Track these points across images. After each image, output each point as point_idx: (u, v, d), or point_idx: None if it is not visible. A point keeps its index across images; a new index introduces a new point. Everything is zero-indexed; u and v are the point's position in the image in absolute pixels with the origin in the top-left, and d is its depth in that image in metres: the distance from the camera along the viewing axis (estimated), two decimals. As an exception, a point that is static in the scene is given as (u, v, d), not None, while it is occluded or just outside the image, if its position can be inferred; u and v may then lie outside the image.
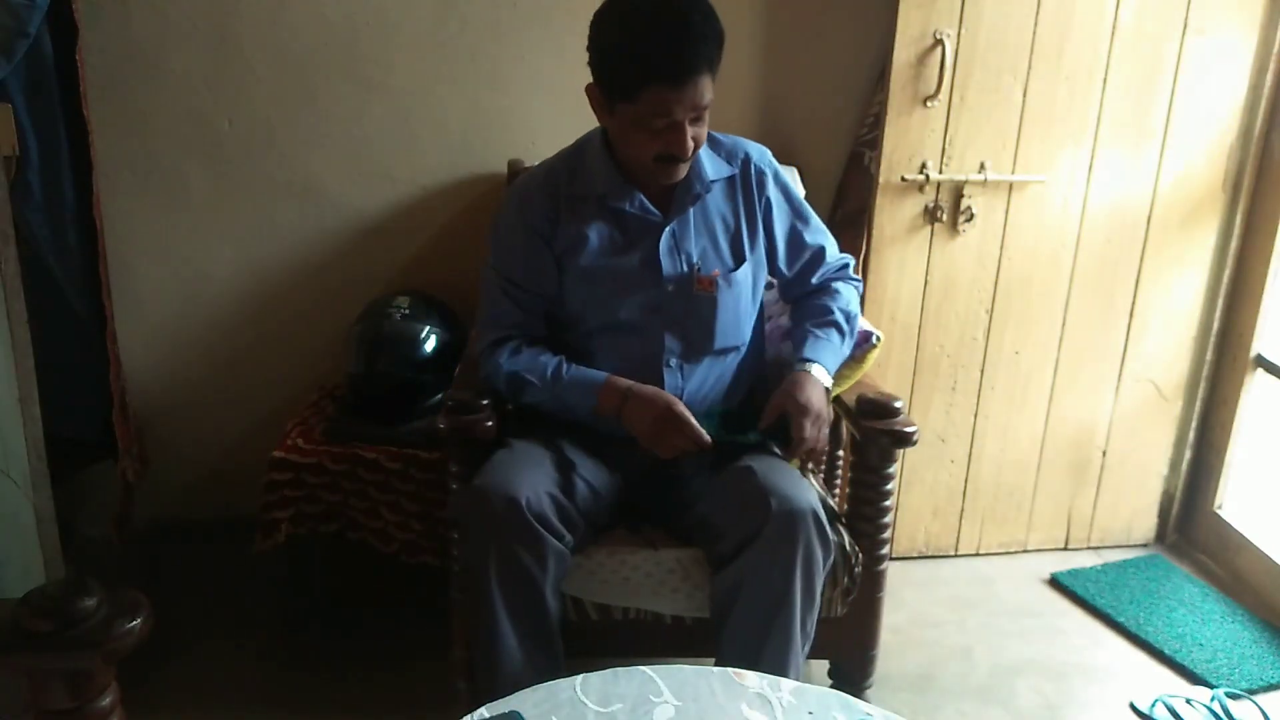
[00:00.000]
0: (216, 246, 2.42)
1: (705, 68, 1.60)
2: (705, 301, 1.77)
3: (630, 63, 1.60)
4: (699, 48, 1.58)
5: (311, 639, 2.24)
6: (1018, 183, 2.36)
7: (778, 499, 1.60)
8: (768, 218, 1.85)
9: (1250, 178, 2.44)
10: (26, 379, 1.84)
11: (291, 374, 2.50)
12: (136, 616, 1.06)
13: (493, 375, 1.79)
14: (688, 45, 1.57)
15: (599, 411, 1.72)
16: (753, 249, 1.84)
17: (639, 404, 1.70)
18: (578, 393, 1.74)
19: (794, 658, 1.66)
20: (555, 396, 1.75)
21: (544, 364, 1.76)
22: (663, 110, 1.60)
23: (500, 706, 1.25)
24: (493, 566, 1.59)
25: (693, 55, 1.57)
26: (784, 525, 1.60)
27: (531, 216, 1.78)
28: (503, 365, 1.77)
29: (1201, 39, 2.31)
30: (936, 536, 2.62)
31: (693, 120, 1.64)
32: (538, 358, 1.77)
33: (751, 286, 1.83)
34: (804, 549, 1.61)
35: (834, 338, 1.84)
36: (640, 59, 1.59)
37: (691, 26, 1.57)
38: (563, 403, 1.76)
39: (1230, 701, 2.09)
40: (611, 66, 1.64)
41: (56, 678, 1.05)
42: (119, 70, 2.25)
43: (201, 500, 2.55)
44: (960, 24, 2.22)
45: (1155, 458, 2.66)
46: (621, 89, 1.62)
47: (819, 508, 1.64)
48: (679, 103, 1.60)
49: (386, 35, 2.31)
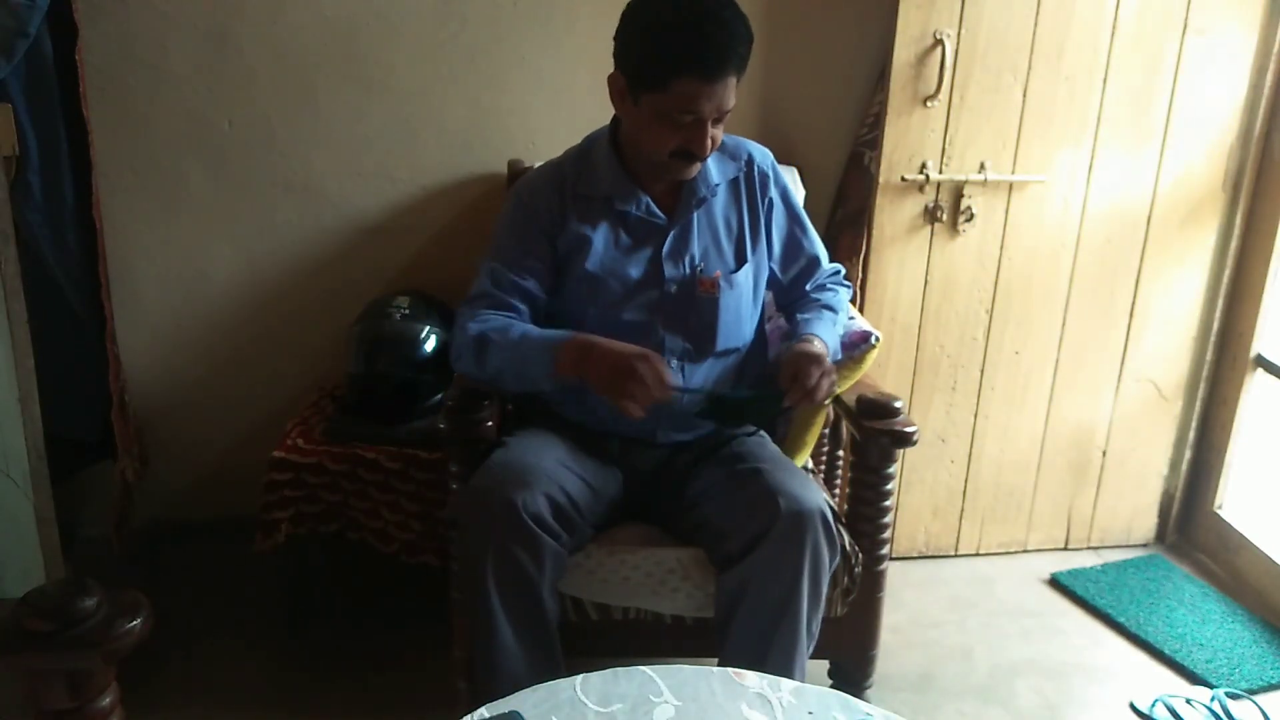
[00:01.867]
0: (216, 246, 2.42)
1: (735, 69, 1.61)
2: (707, 303, 1.77)
3: (666, 51, 1.60)
4: (734, 47, 1.59)
5: (311, 639, 2.24)
6: (1018, 183, 2.36)
7: (786, 499, 1.60)
8: (768, 219, 1.86)
9: (1250, 178, 2.44)
10: (26, 379, 1.84)
11: (291, 374, 2.50)
12: (136, 616, 1.06)
13: (459, 343, 1.73)
14: (724, 42, 1.58)
15: (559, 370, 1.62)
16: (754, 250, 1.84)
17: (600, 356, 1.59)
18: (536, 352, 1.64)
19: (799, 658, 1.67)
20: (517, 359, 1.66)
21: (512, 327, 1.70)
22: (690, 104, 1.60)
23: (500, 706, 1.25)
24: (489, 567, 1.59)
25: (728, 53, 1.59)
26: (792, 525, 1.60)
27: (537, 208, 1.78)
28: (469, 328, 1.71)
29: (1201, 39, 2.31)
30: (936, 536, 2.62)
31: (715, 121, 1.65)
32: (509, 324, 1.71)
33: (753, 287, 1.84)
34: (812, 549, 1.61)
35: (826, 316, 1.85)
36: (677, 48, 1.58)
37: (728, 25, 1.58)
38: (522, 367, 1.66)
39: (1230, 701, 2.09)
40: (643, 54, 1.63)
41: (56, 678, 1.05)
42: (119, 70, 2.25)
43: (201, 500, 2.55)
44: (960, 24, 2.22)
45: (1155, 458, 2.66)
46: (651, 78, 1.61)
47: (827, 509, 1.64)
48: (708, 98, 1.60)
49: (386, 35, 2.31)
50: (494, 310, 1.74)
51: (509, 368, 1.68)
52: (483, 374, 1.72)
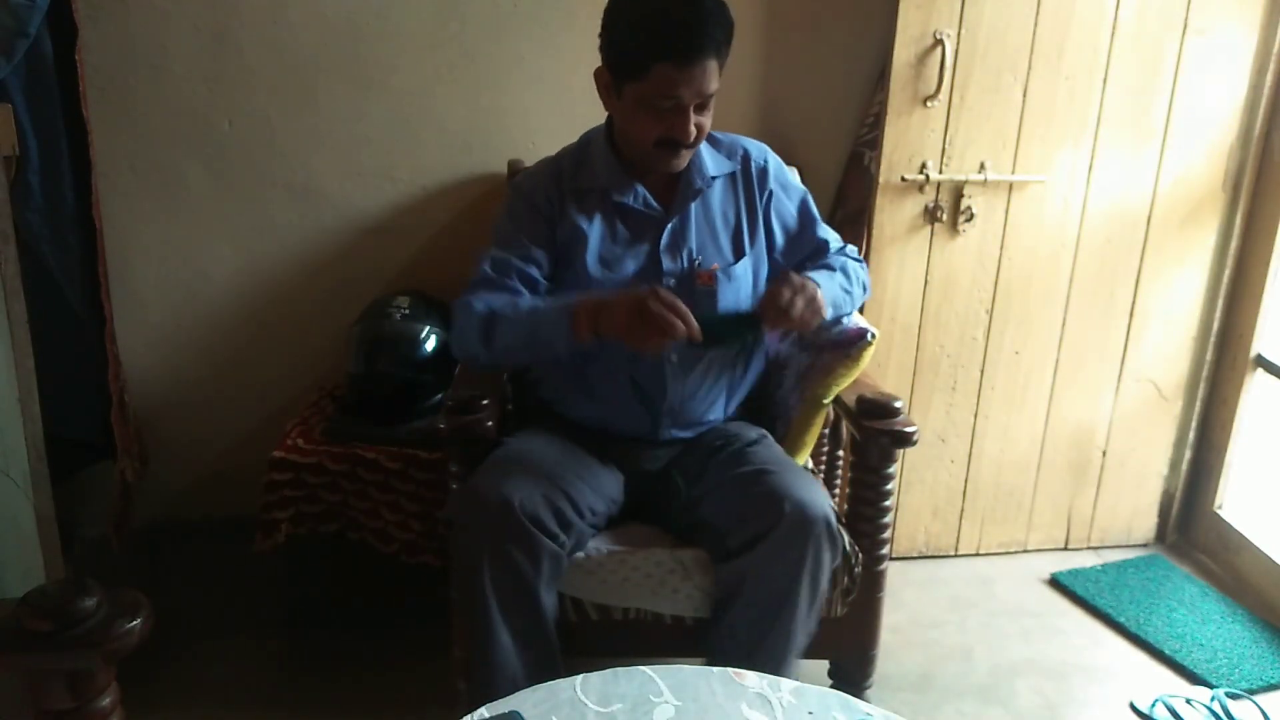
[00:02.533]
0: (216, 246, 2.42)
1: (713, 53, 1.61)
2: (705, 296, 1.77)
3: (641, 39, 1.61)
4: (710, 30, 1.60)
5: (311, 639, 2.24)
6: (1018, 183, 2.36)
7: (791, 503, 1.60)
8: (767, 211, 1.86)
9: (1250, 178, 2.44)
10: (26, 379, 1.84)
11: (291, 374, 2.50)
12: (136, 616, 1.06)
13: (463, 324, 1.71)
14: (699, 26, 1.59)
15: (578, 336, 1.60)
16: (753, 244, 1.84)
17: (614, 307, 1.57)
18: (552, 318, 1.63)
19: (789, 660, 1.67)
20: (530, 330, 1.65)
21: (520, 299, 1.70)
22: (669, 90, 1.61)
23: (500, 706, 1.25)
24: (486, 567, 1.59)
25: (703, 37, 1.59)
26: (795, 529, 1.60)
27: (536, 199, 1.79)
28: (474, 304, 1.69)
29: (1201, 39, 2.31)
30: (936, 536, 2.62)
31: (697, 108, 1.65)
32: (516, 299, 1.71)
33: (752, 281, 1.84)
34: (813, 554, 1.62)
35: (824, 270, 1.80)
36: (651, 35, 1.60)
37: (703, 8, 1.59)
38: (536, 336, 1.65)
39: (1230, 701, 2.09)
40: (622, 43, 1.64)
41: (56, 678, 1.05)
42: (119, 70, 2.25)
43: (201, 500, 2.55)
44: (960, 24, 2.22)
45: (1155, 458, 2.66)
46: (630, 66, 1.63)
47: (831, 514, 1.64)
48: (686, 84, 1.61)
49: (386, 35, 2.31)
50: (496, 293, 1.73)
51: (520, 341, 1.67)
52: (490, 354, 1.70)
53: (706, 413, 1.86)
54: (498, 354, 1.70)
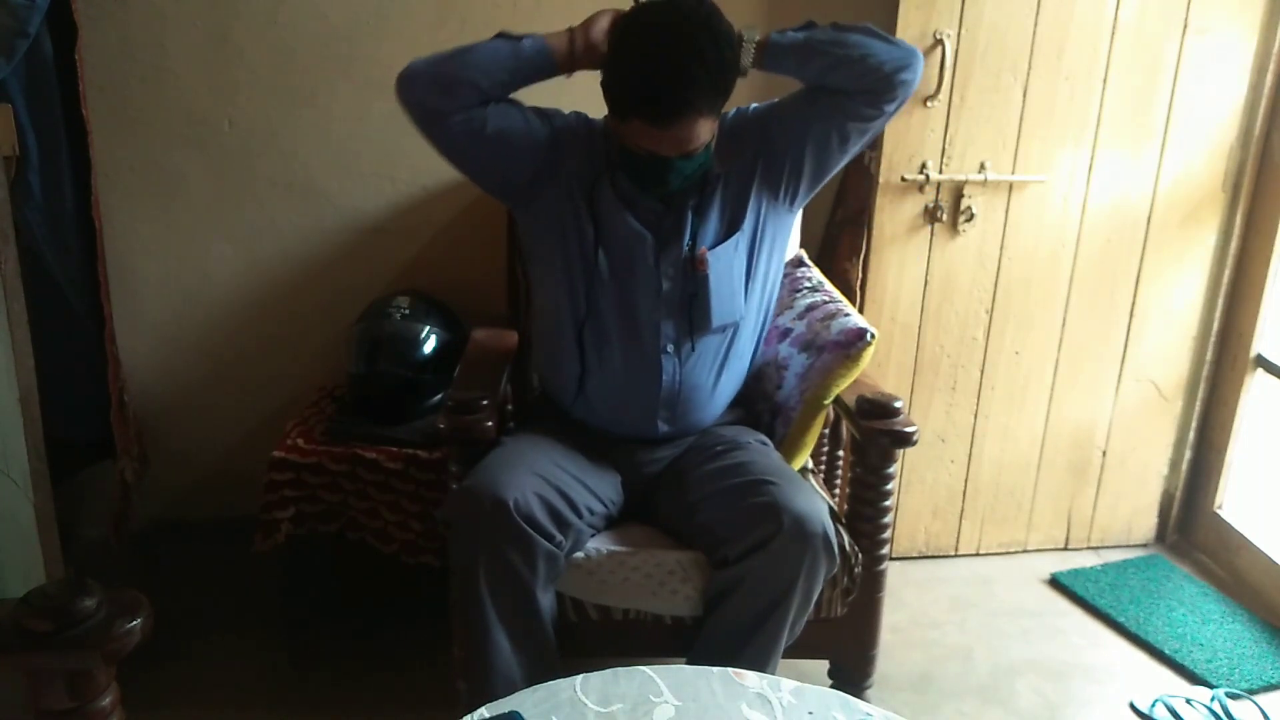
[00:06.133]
0: (216, 246, 2.42)
1: (694, 113, 1.58)
2: (700, 281, 1.77)
3: (623, 91, 1.61)
4: (692, 96, 1.57)
5: (311, 639, 2.24)
6: (1018, 183, 2.36)
7: (790, 515, 1.59)
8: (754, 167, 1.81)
9: (1250, 178, 2.44)
10: (26, 379, 1.84)
11: (292, 374, 2.50)
12: (136, 616, 1.06)
13: (416, 64, 1.69)
14: (681, 92, 1.56)
15: (555, 49, 1.68)
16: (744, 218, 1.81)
17: (583, 25, 1.68)
18: (530, 52, 1.70)
19: (775, 660, 1.68)
20: (498, 59, 1.70)
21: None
22: (647, 143, 1.62)
23: (500, 706, 1.25)
24: (481, 568, 1.59)
25: (683, 103, 1.57)
26: (793, 541, 1.60)
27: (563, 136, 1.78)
28: (439, 51, 1.69)
29: (1201, 39, 2.31)
30: (936, 536, 2.62)
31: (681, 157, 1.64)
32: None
33: (746, 258, 1.82)
34: (809, 566, 1.62)
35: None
36: (631, 92, 1.60)
37: (685, 73, 1.55)
38: (517, 53, 1.70)
39: (1230, 701, 2.09)
40: (609, 85, 1.65)
41: (56, 678, 1.05)
42: (119, 70, 2.25)
43: (201, 500, 2.55)
44: (960, 24, 2.22)
45: (1155, 458, 2.66)
46: (615, 108, 1.64)
47: (830, 527, 1.64)
48: (661, 140, 1.61)
49: (386, 35, 2.31)
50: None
51: (499, 61, 1.70)
52: (444, 68, 1.68)
53: (704, 409, 1.85)
54: (454, 69, 1.68)
